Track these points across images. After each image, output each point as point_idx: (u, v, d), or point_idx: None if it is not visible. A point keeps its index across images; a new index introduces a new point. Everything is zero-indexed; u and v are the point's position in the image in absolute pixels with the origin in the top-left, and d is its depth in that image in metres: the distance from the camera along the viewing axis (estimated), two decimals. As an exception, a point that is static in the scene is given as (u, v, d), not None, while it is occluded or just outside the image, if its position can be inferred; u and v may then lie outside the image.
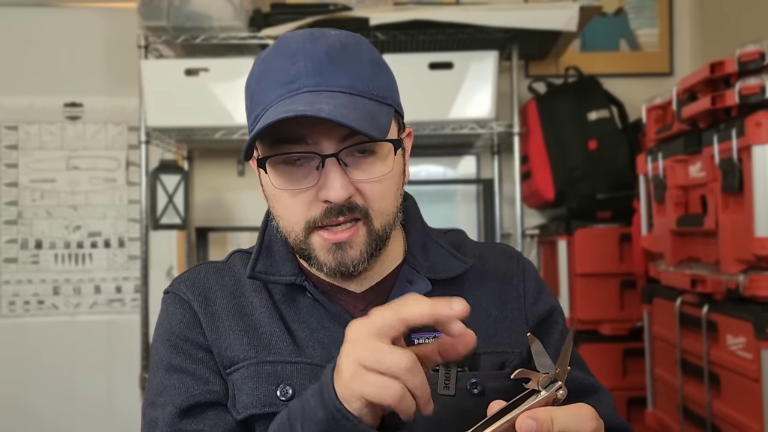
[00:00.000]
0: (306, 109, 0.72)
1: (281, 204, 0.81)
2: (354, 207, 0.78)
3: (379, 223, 0.80)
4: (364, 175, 0.78)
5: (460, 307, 0.61)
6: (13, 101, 2.75)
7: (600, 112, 2.40)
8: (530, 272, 0.94)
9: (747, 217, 1.48)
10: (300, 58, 0.77)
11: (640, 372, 2.16)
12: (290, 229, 0.81)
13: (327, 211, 0.77)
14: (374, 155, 0.79)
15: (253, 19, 2.30)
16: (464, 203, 2.79)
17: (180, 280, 0.90)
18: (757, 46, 1.50)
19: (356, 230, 0.79)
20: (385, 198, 0.80)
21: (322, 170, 0.77)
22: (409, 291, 0.84)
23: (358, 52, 0.80)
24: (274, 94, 0.78)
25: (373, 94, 0.79)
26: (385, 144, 0.79)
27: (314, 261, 0.81)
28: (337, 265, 0.79)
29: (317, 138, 0.76)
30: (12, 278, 2.74)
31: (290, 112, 0.72)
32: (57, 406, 2.71)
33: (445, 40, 2.32)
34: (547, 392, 0.62)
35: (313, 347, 0.83)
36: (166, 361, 0.84)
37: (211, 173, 2.75)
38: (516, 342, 0.88)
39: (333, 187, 0.76)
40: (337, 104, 0.74)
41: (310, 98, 0.75)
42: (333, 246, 0.79)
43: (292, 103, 0.75)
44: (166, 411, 0.80)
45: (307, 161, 0.78)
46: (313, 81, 0.77)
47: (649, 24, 2.76)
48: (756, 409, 1.46)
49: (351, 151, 0.77)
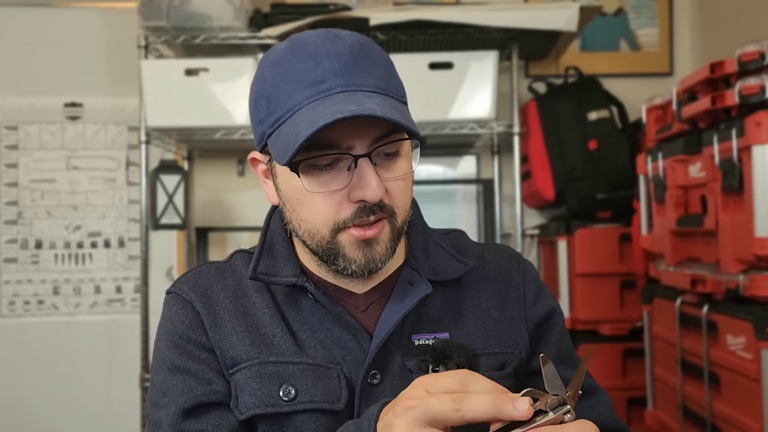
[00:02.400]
0: (358, 109, 0.71)
1: (308, 207, 0.79)
2: (383, 206, 0.78)
3: (401, 220, 0.81)
4: (391, 174, 0.79)
5: (524, 409, 0.58)
6: (13, 101, 2.75)
7: (600, 112, 2.40)
8: (530, 274, 0.94)
9: (747, 217, 1.48)
10: (324, 59, 0.76)
11: (640, 372, 2.16)
12: (315, 231, 0.80)
13: (360, 211, 0.77)
14: (399, 154, 0.80)
15: (253, 19, 2.30)
16: (464, 203, 2.79)
17: (182, 281, 0.90)
18: (757, 46, 1.50)
19: (382, 227, 0.79)
20: (406, 195, 0.82)
21: (354, 171, 0.76)
22: (409, 292, 0.84)
23: (374, 51, 0.80)
24: (301, 96, 0.76)
25: (394, 92, 0.80)
26: (407, 143, 0.80)
27: (342, 259, 0.80)
28: (367, 261, 0.79)
29: (349, 140, 0.75)
30: (12, 278, 2.74)
31: (345, 112, 0.70)
32: (57, 406, 2.71)
33: (445, 40, 2.32)
34: (555, 414, 0.61)
35: (315, 348, 0.83)
36: (169, 362, 0.84)
37: (211, 173, 2.75)
38: (515, 343, 0.88)
39: (370, 186, 0.75)
40: (379, 103, 0.74)
41: (350, 98, 0.74)
42: (362, 243, 0.79)
43: (332, 103, 0.73)
44: (170, 412, 0.80)
45: (335, 163, 0.77)
46: (343, 81, 0.76)
47: (649, 24, 2.76)
48: (756, 409, 1.46)
49: (378, 151, 0.77)
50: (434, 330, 0.85)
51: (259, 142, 0.83)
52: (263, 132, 0.80)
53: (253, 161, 0.88)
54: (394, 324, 0.82)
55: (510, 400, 0.59)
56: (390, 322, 0.82)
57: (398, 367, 0.82)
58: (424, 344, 0.84)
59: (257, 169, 0.88)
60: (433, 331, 0.85)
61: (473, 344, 0.85)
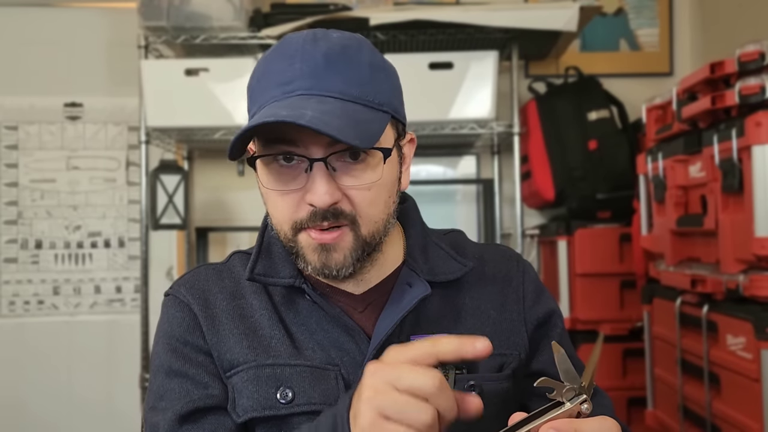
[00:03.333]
0: (287, 115, 0.72)
1: (271, 203, 0.82)
2: (339, 213, 0.77)
3: (366, 230, 0.80)
4: (353, 182, 0.78)
5: (483, 346, 0.60)
6: (13, 101, 2.75)
7: (600, 112, 2.40)
8: (530, 274, 0.94)
9: (747, 217, 1.48)
10: (297, 60, 0.77)
11: (640, 372, 2.16)
12: (279, 227, 0.82)
13: (312, 215, 0.77)
14: (364, 162, 0.78)
15: (253, 19, 2.30)
16: (464, 203, 2.79)
17: (180, 283, 0.90)
18: (757, 46, 1.50)
19: (342, 235, 0.78)
20: (374, 205, 0.79)
21: (310, 173, 0.77)
22: (408, 293, 0.84)
23: (358, 55, 0.79)
24: (269, 95, 0.78)
25: (369, 100, 0.78)
26: (377, 151, 0.78)
27: (301, 259, 0.81)
28: (322, 266, 0.79)
29: (307, 142, 0.76)
30: (12, 278, 2.74)
31: (271, 117, 0.72)
32: (57, 406, 2.71)
33: (445, 40, 2.31)
34: (572, 404, 0.60)
35: (313, 349, 0.83)
36: (166, 366, 0.84)
37: (211, 173, 2.75)
38: (515, 344, 0.88)
39: (317, 192, 0.76)
40: (323, 110, 0.73)
41: (299, 102, 0.75)
42: (319, 246, 0.79)
43: (280, 106, 0.75)
44: (167, 417, 0.80)
45: (298, 163, 0.78)
46: (308, 84, 0.77)
47: (649, 24, 2.76)
48: (756, 409, 1.46)
49: (341, 156, 0.77)
50: (433, 331, 0.85)
51: None
52: None
53: None
54: (392, 325, 0.81)
55: (471, 340, 0.60)
56: (389, 323, 0.82)
57: (397, 368, 0.82)
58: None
59: None
60: (432, 333, 0.85)
61: (472, 345, 0.85)
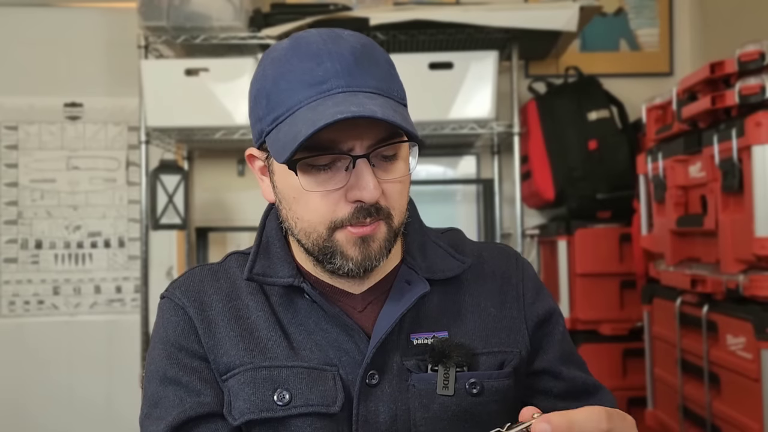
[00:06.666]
0: (359, 110, 0.71)
1: (304, 205, 0.79)
2: (380, 208, 0.78)
3: (397, 221, 0.82)
4: (388, 176, 0.79)
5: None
6: (13, 101, 2.75)
7: (600, 112, 2.40)
8: (529, 272, 0.94)
9: (747, 217, 1.48)
10: (325, 59, 0.76)
11: (640, 372, 2.16)
12: (312, 229, 0.80)
13: (356, 212, 0.77)
14: (397, 157, 0.80)
15: (253, 19, 2.30)
16: (464, 203, 2.79)
17: (175, 285, 0.89)
18: (757, 46, 1.50)
19: (378, 226, 0.79)
20: (403, 197, 0.82)
21: (351, 171, 0.76)
22: (407, 291, 0.84)
23: (375, 53, 0.80)
24: (301, 95, 0.76)
25: (395, 95, 0.79)
26: (405, 145, 0.80)
27: (339, 257, 0.80)
28: (363, 258, 0.79)
29: (348, 140, 0.75)
30: (12, 278, 2.74)
31: (346, 113, 0.71)
32: (57, 406, 2.70)
33: (445, 40, 2.32)
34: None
35: (310, 349, 0.83)
36: (161, 372, 0.84)
37: (211, 173, 2.75)
38: (515, 342, 0.88)
39: (367, 187, 0.76)
40: (380, 104, 0.74)
41: (351, 99, 0.74)
42: (359, 240, 0.79)
43: (335, 104, 0.73)
44: (160, 428, 0.80)
45: (334, 163, 0.77)
46: (344, 82, 0.76)
47: (649, 24, 2.76)
48: (756, 409, 1.46)
49: (377, 153, 0.77)
50: (433, 329, 0.85)
51: (257, 139, 0.83)
52: (262, 129, 0.80)
53: (251, 158, 0.88)
54: (392, 323, 0.81)
55: None
56: (388, 321, 0.82)
57: (397, 367, 0.82)
58: (423, 343, 0.84)
59: (254, 165, 0.88)
60: (431, 330, 0.85)
61: (473, 343, 0.85)
